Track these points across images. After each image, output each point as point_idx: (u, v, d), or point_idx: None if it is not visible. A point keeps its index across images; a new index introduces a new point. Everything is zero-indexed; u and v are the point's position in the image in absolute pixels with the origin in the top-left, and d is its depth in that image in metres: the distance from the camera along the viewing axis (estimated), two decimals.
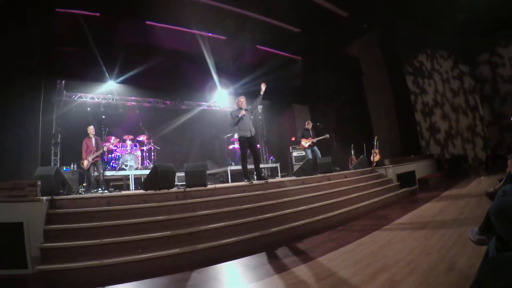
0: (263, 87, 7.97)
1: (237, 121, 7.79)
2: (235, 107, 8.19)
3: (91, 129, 9.21)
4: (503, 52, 14.81)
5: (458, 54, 16.19)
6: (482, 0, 12.88)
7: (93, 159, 8.93)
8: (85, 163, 8.90)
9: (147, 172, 8.95)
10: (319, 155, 10.75)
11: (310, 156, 10.67)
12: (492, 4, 12.86)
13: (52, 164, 11.26)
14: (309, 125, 11.21)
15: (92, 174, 9.05)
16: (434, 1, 13.53)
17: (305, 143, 10.89)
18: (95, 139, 9.17)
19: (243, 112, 7.79)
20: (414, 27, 15.20)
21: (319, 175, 8.92)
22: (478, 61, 15.65)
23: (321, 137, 11.06)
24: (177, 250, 4.39)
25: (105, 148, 9.53)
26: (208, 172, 8.63)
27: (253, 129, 7.88)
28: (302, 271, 3.68)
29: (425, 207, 7.37)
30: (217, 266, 4.17)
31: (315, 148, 10.94)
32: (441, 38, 15.82)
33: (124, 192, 7.35)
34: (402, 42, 15.31)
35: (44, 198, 4.64)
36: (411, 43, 15.70)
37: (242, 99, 8.12)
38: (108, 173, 10.93)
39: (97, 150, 9.03)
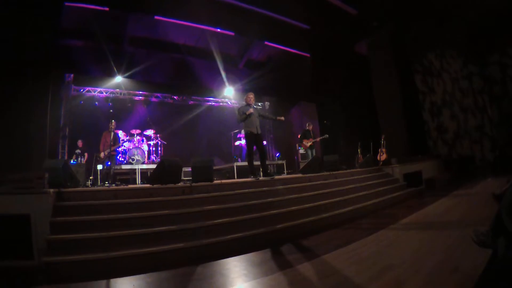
0: (281, 119, 8.30)
1: (244, 118, 7.78)
2: (243, 103, 8.20)
3: (113, 124, 9.35)
4: None
5: (468, 54, 16.03)
6: (493, 0, 12.74)
7: (108, 153, 9.06)
8: (102, 155, 9.09)
9: (153, 166, 9.00)
10: (313, 154, 11.32)
11: (310, 156, 11.26)
12: (503, 5, 12.71)
13: (60, 157, 11.33)
14: (309, 126, 11.95)
15: (105, 167, 9.20)
16: (445, 0, 13.42)
17: (306, 143, 11.51)
18: (114, 134, 9.30)
19: (251, 110, 7.78)
20: (424, 26, 15.07)
21: (325, 173, 8.90)
22: (487, 61, 15.49)
23: (320, 138, 11.79)
24: (182, 245, 4.41)
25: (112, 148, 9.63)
26: (214, 167, 8.65)
27: (259, 128, 7.88)
28: (306, 268, 3.68)
29: (431, 207, 7.33)
30: (222, 261, 4.18)
31: (314, 149, 11.63)
32: (451, 38, 15.67)
33: (130, 186, 7.39)
34: (411, 40, 15.20)
35: (52, 190, 4.68)
36: (421, 41, 15.59)
37: (251, 95, 8.12)
38: (115, 166, 11.00)
39: (113, 145, 9.16)
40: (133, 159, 11.82)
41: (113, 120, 9.44)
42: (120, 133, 12.11)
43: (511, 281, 1.14)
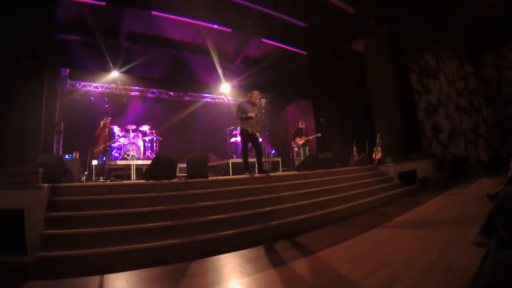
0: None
1: (243, 117, 7.72)
2: (239, 99, 8.10)
3: (108, 120, 9.34)
4: (509, 55, 14.69)
5: (464, 55, 16.07)
6: (490, 1, 12.78)
7: (103, 148, 9.06)
8: (96, 150, 9.08)
9: (148, 162, 8.99)
10: (306, 153, 11.41)
11: (302, 154, 11.44)
12: (499, 6, 12.76)
13: (55, 152, 11.28)
14: (302, 125, 12.00)
15: (100, 162, 9.20)
16: (442, 0, 13.46)
17: (299, 141, 11.62)
18: (108, 129, 9.29)
19: (252, 114, 7.72)
20: (421, 26, 15.10)
21: (320, 170, 8.91)
22: (483, 62, 15.51)
23: (312, 136, 11.94)
24: (176, 241, 4.40)
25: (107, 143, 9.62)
26: (209, 164, 8.64)
27: (256, 128, 7.83)
28: (300, 265, 3.70)
29: (425, 206, 7.37)
30: (216, 257, 4.19)
31: (307, 147, 11.67)
32: (447, 38, 15.71)
33: (125, 182, 7.37)
34: (408, 40, 15.23)
35: (46, 185, 4.65)
36: (417, 41, 15.62)
37: (257, 95, 7.99)
38: (109, 162, 10.97)
39: (109, 140, 9.16)
40: (128, 155, 11.81)
41: (108, 117, 9.41)
42: (116, 129, 12.08)
43: (501, 285, 1.15)
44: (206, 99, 16.89)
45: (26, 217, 4.12)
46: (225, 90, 16.08)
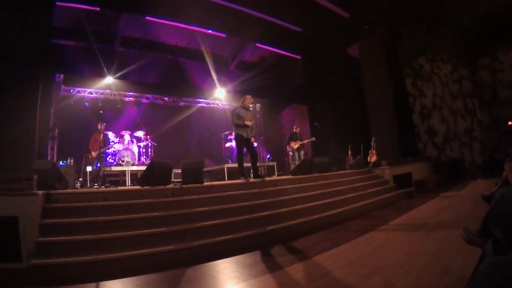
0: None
1: (240, 124, 7.70)
2: (239, 105, 8.05)
3: (102, 126, 9.32)
4: (504, 58, 14.79)
5: (458, 58, 16.18)
6: (485, 5, 12.89)
7: (98, 154, 9.05)
8: (93, 154, 9.16)
9: (143, 168, 8.96)
10: (302, 157, 11.35)
11: (296, 158, 11.40)
12: (494, 10, 12.86)
13: (49, 158, 11.20)
14: (297, 129, 11.95)
15: (94, 168, 9.16)
16: (436, 5, 13.55)
17: (294, 145, 11.58)
18: (103, 135, 9.27)
19: (249, 123, 7.72)
20: (415, 30, 15.21)
21: (316, 174, 8.91)
22: (478, 65, 15.61)
23: (307, 140, 11.95)
24: (172, 247, 4.38)
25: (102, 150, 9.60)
26: (205, 169, 8.61)
27: (251, 133, 7.81)
28: (296, 270, 3.68)
29: (421, 209, 7.38)
30: (212, 263, 4.16)
31: (302, 151, 11.64)
32: (442, 42, 15.82)
33: (120, 188, 7.33)
34: (403, 44, 15.32)
35: (40, 192, 4.62)
36: (412, 45, 15.72)
37: (250, 100, 7.99)
38: (104, 168, 10.91)
39: (103, 146, 9.14)
40: (123, 161, 11.75)
41: (103, 123, 9.38)
42: (110, 134, 12.03)
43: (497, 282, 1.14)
44: (201, 104, 16.85)
45: (20, 224, 4.09)
46: (220, 95, 16.06)
